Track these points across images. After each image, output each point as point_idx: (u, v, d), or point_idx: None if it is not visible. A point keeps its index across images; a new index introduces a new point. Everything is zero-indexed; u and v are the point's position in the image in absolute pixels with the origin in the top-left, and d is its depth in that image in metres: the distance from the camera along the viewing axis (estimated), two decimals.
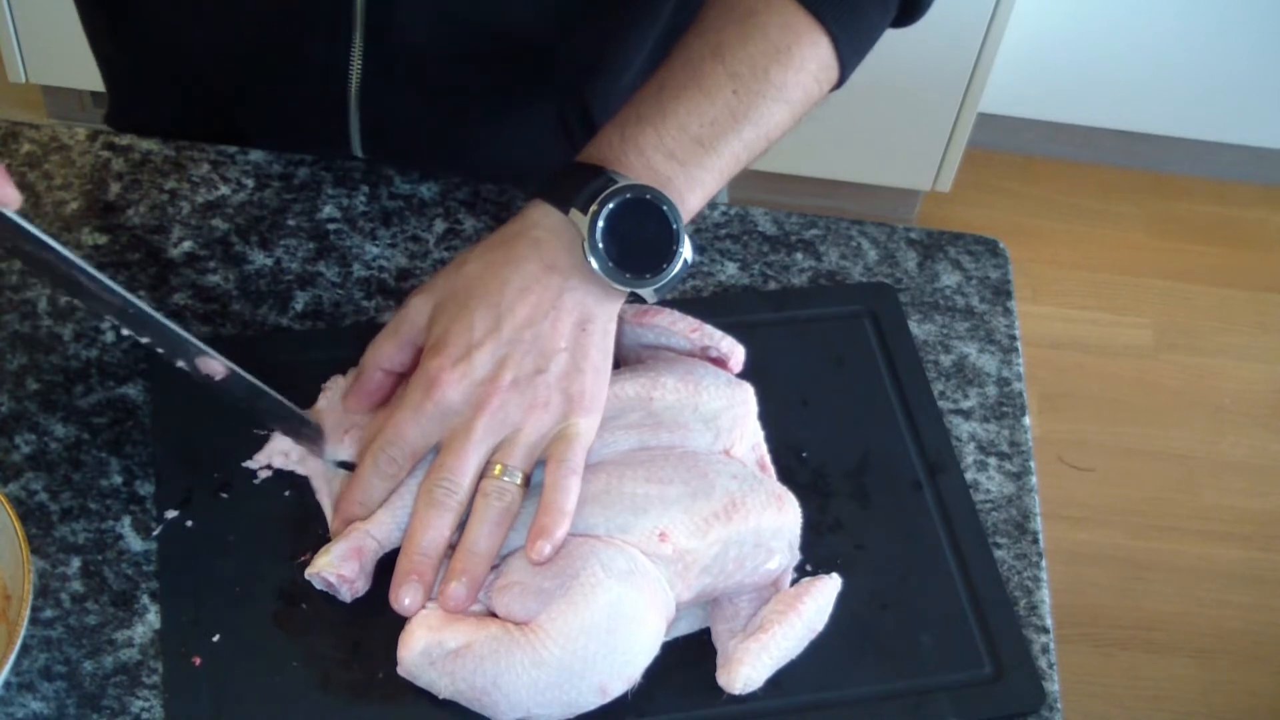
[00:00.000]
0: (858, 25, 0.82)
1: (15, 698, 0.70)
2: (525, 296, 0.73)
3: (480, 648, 0.68)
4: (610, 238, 0.72)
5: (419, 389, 0.72)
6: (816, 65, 0.80)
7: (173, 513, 0.76)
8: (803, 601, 0.72)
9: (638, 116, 0.76)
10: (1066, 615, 1.90)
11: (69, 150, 0.94)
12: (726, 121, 0.76)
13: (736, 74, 0.77)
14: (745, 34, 0.78)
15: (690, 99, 0.76)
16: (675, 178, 0.75)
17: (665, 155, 0.75)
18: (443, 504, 0.71)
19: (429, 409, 0.71)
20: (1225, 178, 2.51)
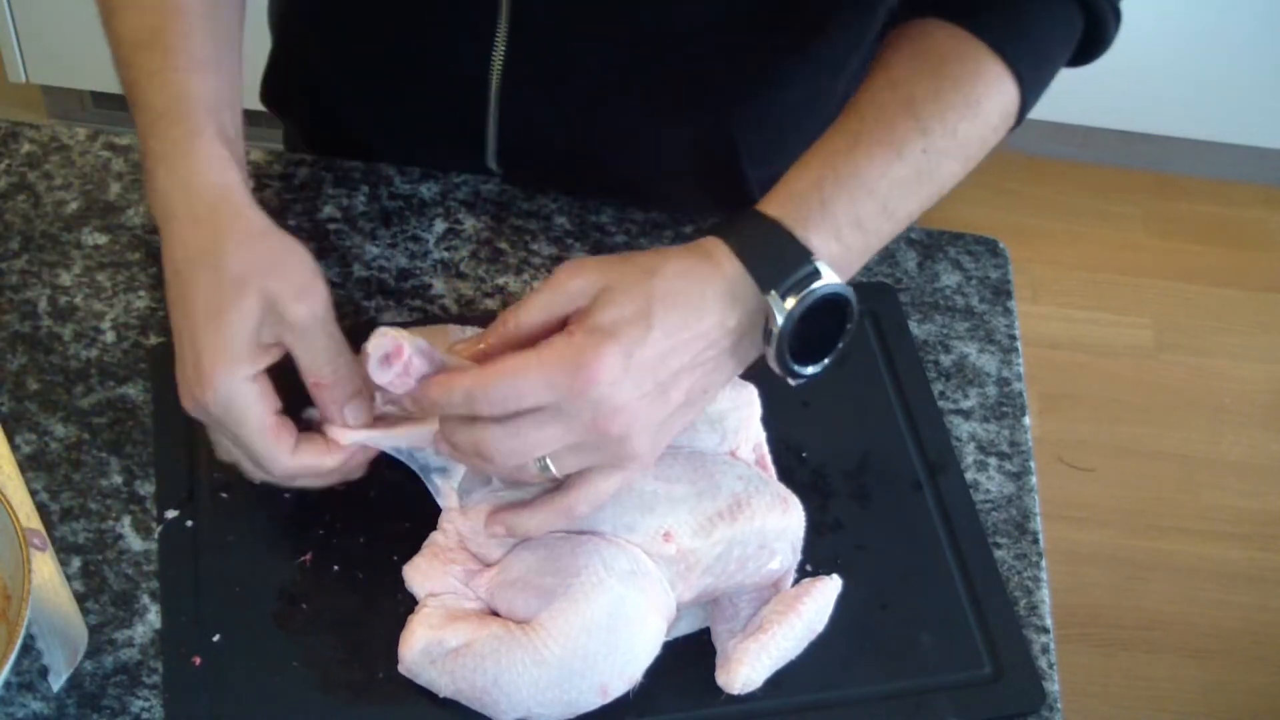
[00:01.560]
0: (1044, 68, 0.80)
1: (15, 698, 0.70)
2: (701, 342, 0.68)
3: (481, 646, 0.68)
4: (794, 329, 0.69)
5: (567, 362, 0.65)
6: (1000, 116, 0.78)
7: (173, 513, 0.76)
8: (803, 602, 0.72)
9: (835, 176, 0.72)
10: (1066, 615, 1.90)
11: (69, 150, 0.94)
12: (912, 184, 0.75)
13: (928, 130, 0.75)
14: (938, 87, 0.76)
15: (883, 158, 0.73)
16: (854, 249, 0.73)
17: (853, 224, 0.72)
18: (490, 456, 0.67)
19: (565, 382, 0.65)
20: (1225, 178, 2.51)
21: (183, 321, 0.70)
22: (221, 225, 0.70)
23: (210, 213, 0.71)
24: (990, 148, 0.80)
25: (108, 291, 0.87)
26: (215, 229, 0.70)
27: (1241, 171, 2.51)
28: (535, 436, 0.66)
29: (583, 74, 0.89)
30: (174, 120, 0.73)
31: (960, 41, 0.77)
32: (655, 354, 0.66)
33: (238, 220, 0.71)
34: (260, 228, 0.72)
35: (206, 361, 0.68)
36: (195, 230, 0.71)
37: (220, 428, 0.71)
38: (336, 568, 0.75)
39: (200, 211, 0.71)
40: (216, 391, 0.68)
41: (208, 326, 0.69)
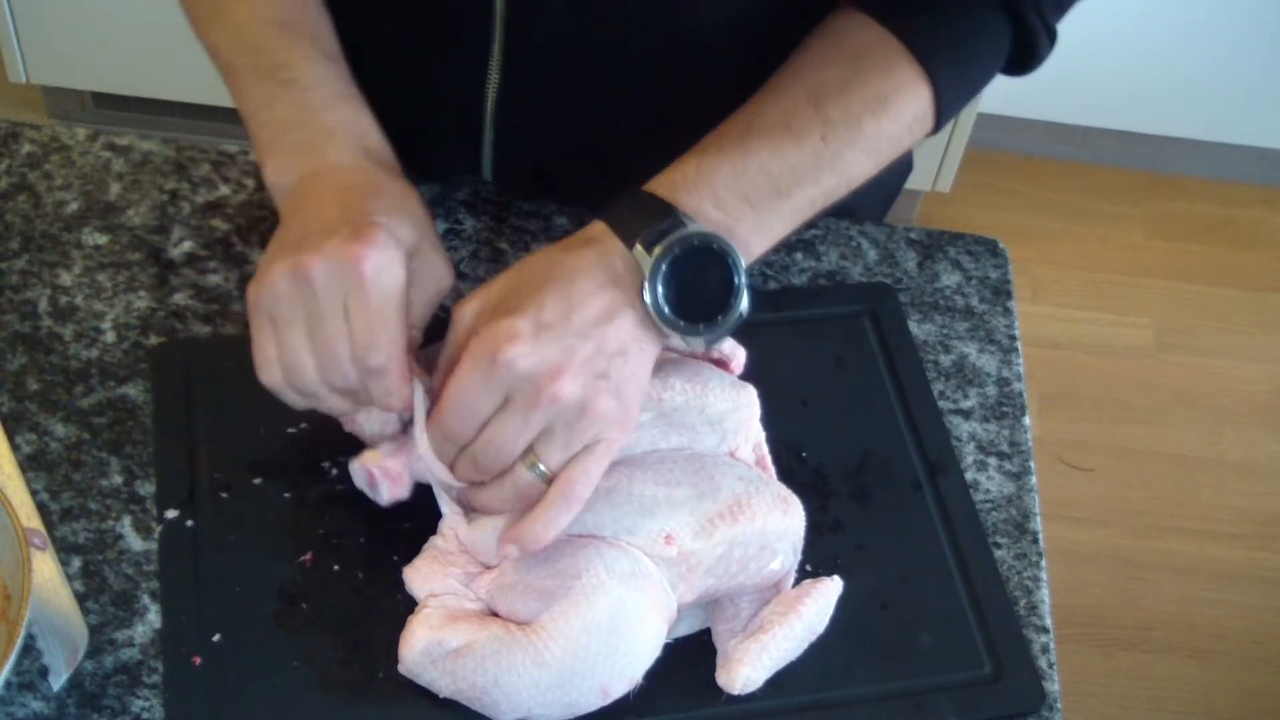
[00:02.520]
0: (964, 77, 0.80)
1: (15, 698, 0.70)
2: (594, 299, 0.70)
3: (482, 647, 0.68)
4: (670, 283, 0.70)
5: (484, 352, 0.67)
6: (912, 116, 0.78)
7: (173, 512, 0.76)
8: (803, 603, 0.72)
9: (719, 150, 0.74)
10: (1066, 615, 1.90)
11: (69, 150, 0.94)
12: (809, 168, 0.74)
13: (829, 120, 0.75)
14: (845, 79, 0.76)
15: (776, 140, 0.74)
16: (743, 221, 0.73)
17: (738, 197, 0.73)
18: (485, 469, 0.69)
19: (497, 372, 0.67)
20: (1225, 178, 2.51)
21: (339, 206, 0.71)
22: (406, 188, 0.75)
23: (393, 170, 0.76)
24: (904, 148, 0.79)
25: (108, 291, 0.87)
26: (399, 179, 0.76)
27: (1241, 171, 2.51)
28: (503, 433, 0.68)
29: (577, 93, 0.89)
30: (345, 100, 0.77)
31: (878, 39, 0.77)
32: (557, 313, 0.68)
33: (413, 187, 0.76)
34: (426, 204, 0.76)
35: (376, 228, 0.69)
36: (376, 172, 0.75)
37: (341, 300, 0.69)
38: (337, 568, 0.75)
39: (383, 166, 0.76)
40: (381, 252, 0.68)
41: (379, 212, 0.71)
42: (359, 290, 0.68)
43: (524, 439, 0.68)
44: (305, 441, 0.79)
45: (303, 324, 0.69)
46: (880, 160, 0.78)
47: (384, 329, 0.69)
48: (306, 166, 0.75)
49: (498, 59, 0.87)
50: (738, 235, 0.72)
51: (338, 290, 0.68)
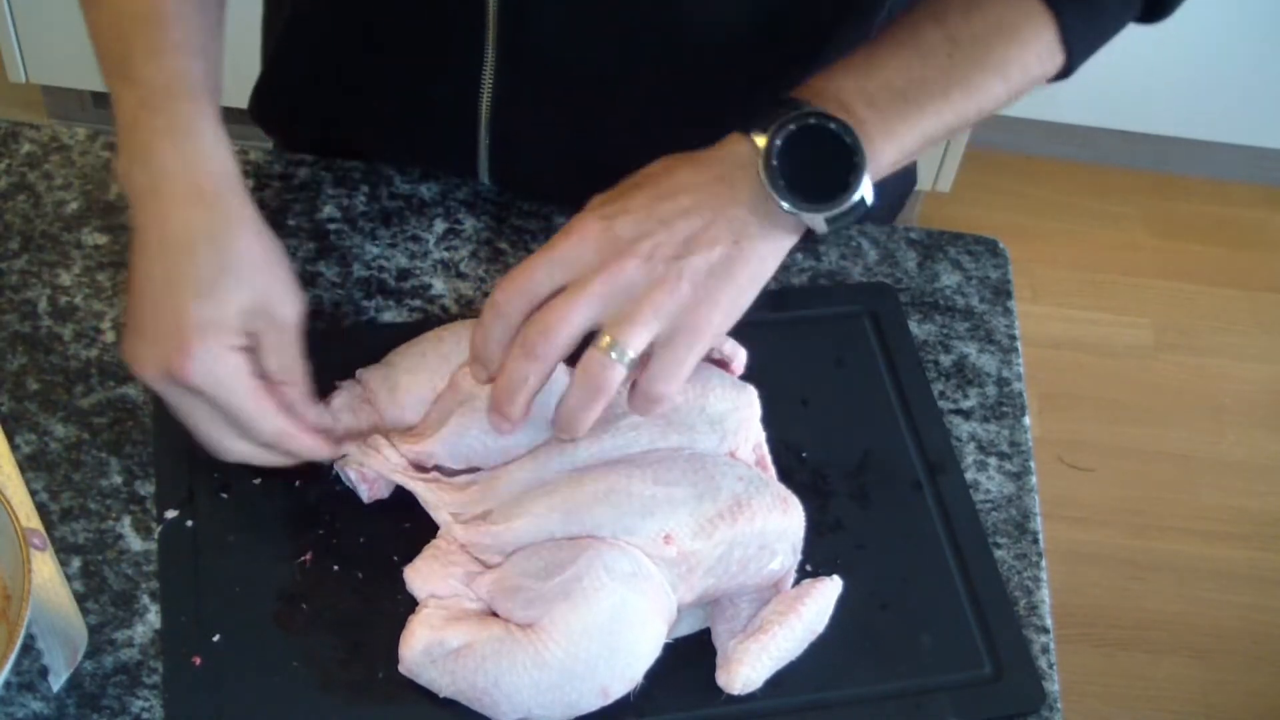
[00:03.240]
0: (1093, 16, 0.79)
1: (15, 698, 0.70)
2: (691, 192, 0.69)
3: (482, 648, 0.68)
4: (787, 161, 0.69)
5: (558, 236, 0.69)
6: (1041, 46, 0.77)
7: (173, 512, 0.76)
8: (803, 603, 0.72)
9: (845, 67, 0.74)
10: (1066, 615, 1.90)
11: (69, 150, 0.94)
12: (937, 82, 0.74)
13: (955, 39, 0.74)
14: (969, 5, 0.76)
15: (903, 57, 0.74)
16: (869, 122, 0.71)
17: (865, 102, 0.72)
18: (536, 353, 0.67)
19: (561, 254, 0.68)
20: (1225, 178, 2.51)
21: (163, 293, 0.70)
22: (228, 211, 0.72)
23: (216, 196, 0.72)
24: (1034, 78, 0.78)
25: (108, 291, 0.87)
26: (221, 213, 0.71)
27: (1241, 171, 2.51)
28: (553, 305, 0.67)
29: (573, 97, 0.88)
30: (179, 97, 0.72)
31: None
32: (644, 201, 0.69)
33: (243, 210, 0.72)
34: (260, 223, 0.73)
35: (193, 332, 0.69)
36: (197, 209, 0.71)
37: (194, 399, 0.71)
38: (336, 568, 0.75)
39: (206, 191, 0.71)
40: (200, 364, 0.69)
41: (199, 300, 0.70)
42: (195, 398, 0.71)
43: (579, 315, 0.67)
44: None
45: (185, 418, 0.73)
46: (1012, 88, 0.77)
47: (249, 412, 0.71)
48: (137, 179, 0.72)
49: (491, 66, 0.86)
50: (863, 132, 0.71)
51: (186, 398, 0.71)
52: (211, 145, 0.73)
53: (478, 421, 0.75)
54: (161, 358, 0.70)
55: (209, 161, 0.72)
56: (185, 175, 0.71)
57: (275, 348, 0.72)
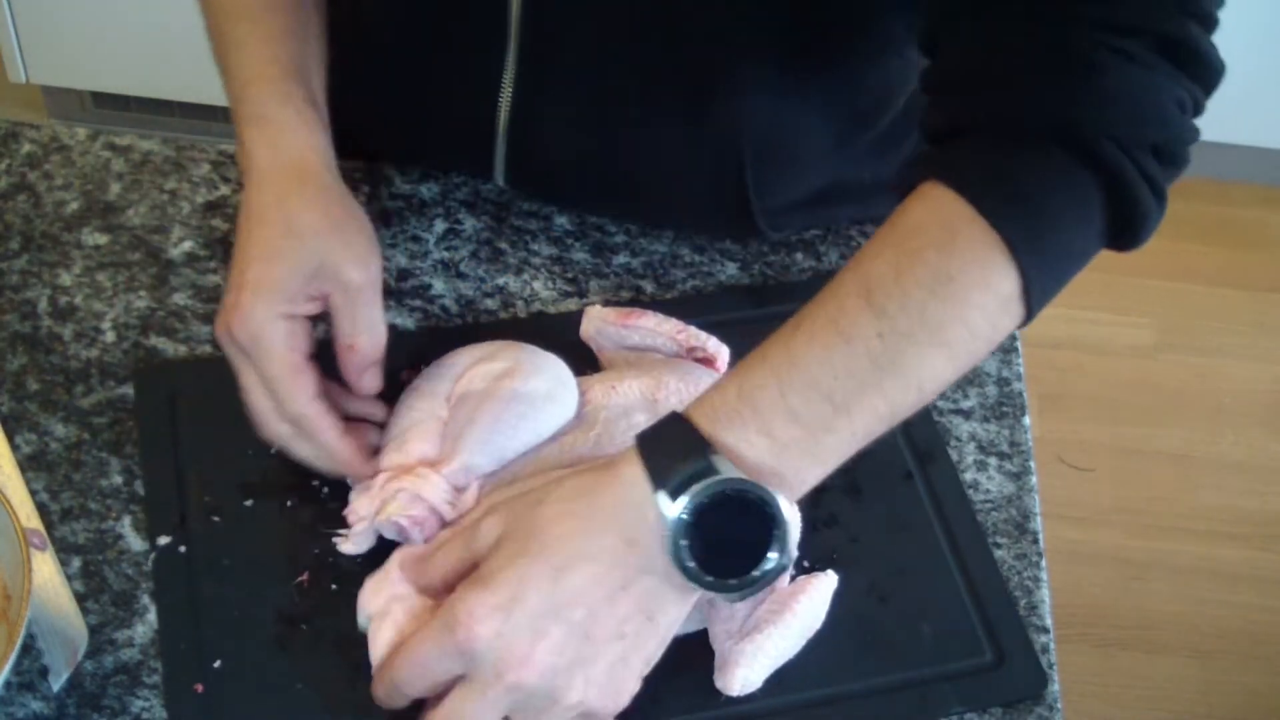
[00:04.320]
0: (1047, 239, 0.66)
1: (15, 698, 0.70)
2: (592, 566, 0.63)
3: None
4: (696, 532, 0.62)
5: (446, 620, 0.64)
6: (990, 295, 0.65)
7: (165, 539, 0.75)
8: (798, 600, 0.72)
9: (763, 360, 0.65)
10: (1066, 615, 1.90)
11: (69, 150, 0.94)
12: (866, 373, 0.64)
13: (884, 312, 0.64)
14: (900, 263, 0.65)
15: (825, 344, 0.64)
16: (792, 447, 0.64)
17: (787, 417, 0.64)
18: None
19: (451, 645, 0.63)
20: (1225, 178, 2.51)
21: (239, 260, 0.74)
22: (297, 183, 0.76)
23: (288, 170, 0.76)
24: (989, 338, 0.66)
25: (108, 291, 0.87)
26: (290, 185, 0.76)
27: (1241, 171, 2.51)
28: (467, 710, 0.64)
29: (592, 97, 0.87)
30: (262, 84, 0.78)
31: (940, 204, 0.66)
32: (542, 595, 0.63)
33: (312, 180, 0.77)
34: (334, 193, 0.77)
35: (247, 293, 0.73)
36: (272, 184, 0.76)
37: (245, 361, 0.74)
38: (335, 586, 0.74)
39: (281, 167, 0.76)
40: (248, 321, 0.72)
41: (258, 264, 0.73)
42: (245, 359, 0.74)
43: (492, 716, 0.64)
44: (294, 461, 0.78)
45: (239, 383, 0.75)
46: (957, 357, 0.66)
47: (279, 387, 0.73)
48: (241, 165, 0.78)
49: (511, 75, 0.86)
50: (786, 464, 0.64)
51: (237, 356, 0.74)
52: (293, 127, 0.78)
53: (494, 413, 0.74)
54: (221, 315, 0.74)
55: (288, 138, 0.77)
56: (268, 154, 0.77)
57: (343, 309, 0.75)
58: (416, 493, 0.73)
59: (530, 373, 0.76)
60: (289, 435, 0.75)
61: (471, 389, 0.76)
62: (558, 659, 0.63)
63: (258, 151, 0.77)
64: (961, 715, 0.74)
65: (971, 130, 0.69)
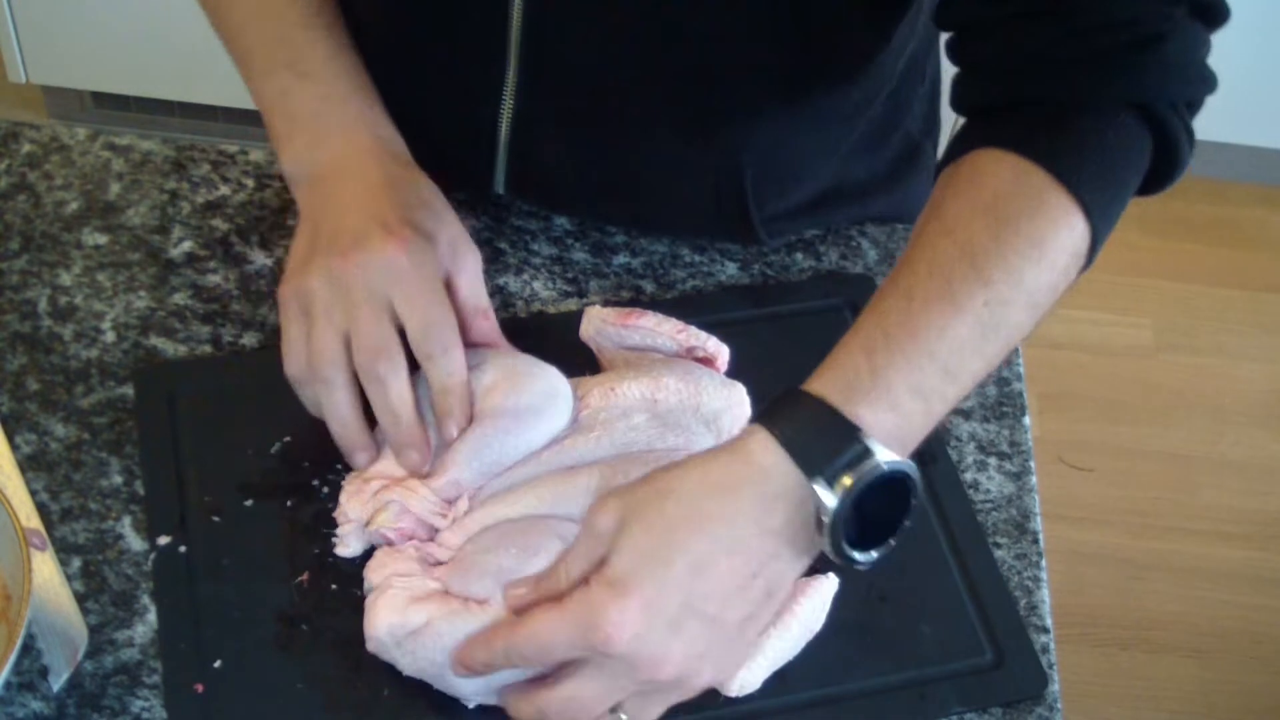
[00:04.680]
0: (1112, 197, 0.72)
1: (15, 697, 0.70)
2: (728, 560, 0.64)
3: (439, 625, 0.68)
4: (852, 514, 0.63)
5: (582, 620, 0.63)
6: (1069, 255, 0.70)
7: (165, 539, 0.75)
8: (798, 603, 0.72)
9: (885, 336, 0.67)
10: (1066, 615, 1.90)
11: (69, 150, 0.94)
12: (975, 342, 0.67)
13: (990, 282, 0.67)
14: (999, 231, 0.68)
15: (940, 315, 0.67)
16: (915, 418, 0.66)
17: (912, 393, 0.66)
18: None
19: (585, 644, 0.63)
20: (1225, 178, 2.51)
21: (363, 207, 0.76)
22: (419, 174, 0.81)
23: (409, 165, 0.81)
24: (1060, 293, 0.71)
25: (108, 291, 0.87)
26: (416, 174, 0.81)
27: (1241, 171, 2.51)
28: (587, 692, 0.64)
29: (594, 116, 0.87)
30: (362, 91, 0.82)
31: (1018, 173, 0.70)
32: (681, 595, 0.63)
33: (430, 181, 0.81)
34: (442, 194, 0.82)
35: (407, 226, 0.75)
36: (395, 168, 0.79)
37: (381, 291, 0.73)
38: (334, 586, 0.74)
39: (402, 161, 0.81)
40: (417, 247, 0.74)
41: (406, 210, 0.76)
42: (404, 284, 0.73)
43: (609, 702, 0.65)
44: (295, 461, 0.78)
45: (340, 313, 0.73)
46: (1038, 313, 0.70)
47: (440, 313, 0.74)
48: (322, 158, 0.79)
49: (512, 85, 0.86)
50: (909, 436, 0.66)
51: (379, 289, 0.73)
52: (393, 134, 0.82)
53: (481, 430, 0.74)
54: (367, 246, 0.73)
55: (396, 144, 0.81)
56: (382, 151, 0.80)
57: (475, 284, 0.78)
58: (405, 505, 0.73)
59: (519, 387, 0.76)
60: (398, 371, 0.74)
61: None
62: (691, 652, 0.64)
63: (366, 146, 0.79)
64: (961, 715, 0.74)
65: (1030, 102, 0.73)
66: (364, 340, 0.73)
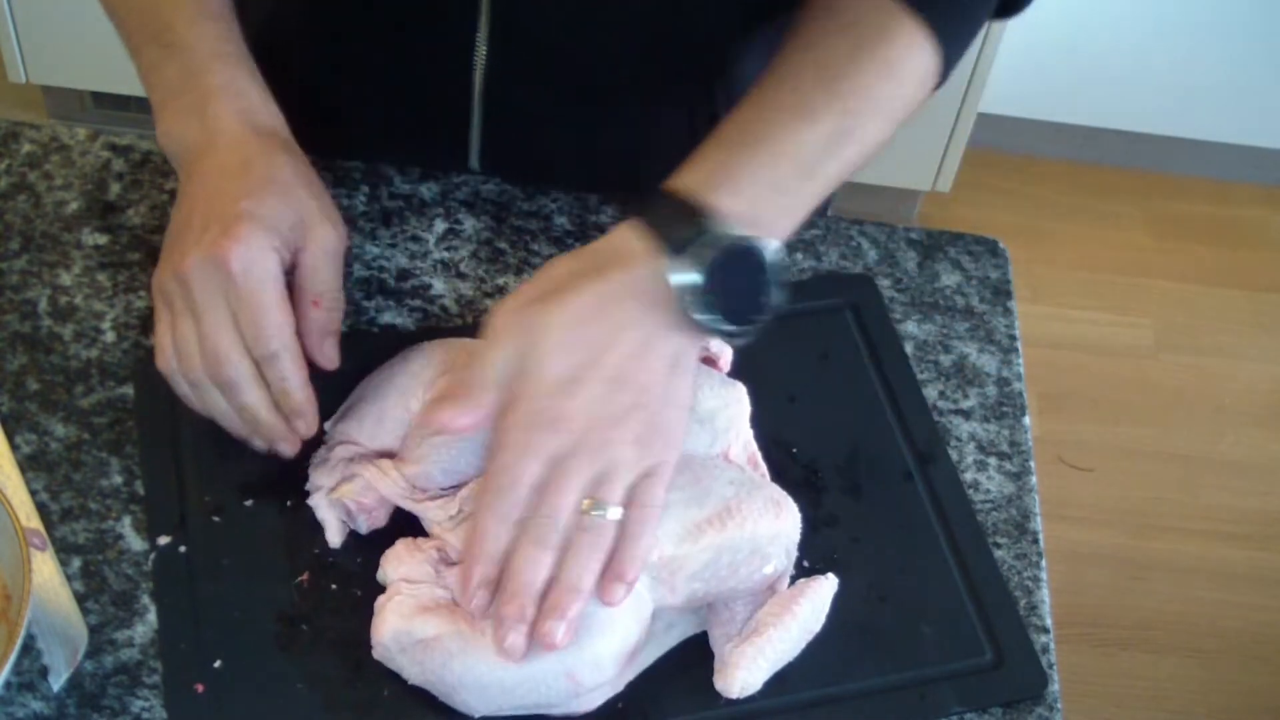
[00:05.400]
0: (962, 25, 0.80)
1: (15, 698, 0.70)
2: (627, 333, 0.69)
3: (449, 642, 0.68)
4: (707, 289, 0.69)
5: (527, 423, 0.68)
6: (921, 72, 0.78)
7: (165, 539, 0.75)
8: (798, 603, 0.72)
9: (739, 140, 0.74)
10: (1066, 615, 1.91)
11: (69, 150, 0.94)
12: (829, 145, 0.75)
13: (839, 94, 0.75)
14: (851, 50, 0.77)
15: (794, 124, 0.74)
16: (769, 208, 0.73)
17: (767, 186, 0.73)
18: (546, 541, 0.68)
19: (544, 444, 0.68)
20: (1225, 178, 2.51)
21: (212, 199, 0.74)
22: (277, 145, 0.77)
23: (270, 134, 0.78)
24: (914, 106, 0.79)
25: (108, 291, 0.87)
26: (271, 145, 0.77)
27: (1241, 171, 2.51)
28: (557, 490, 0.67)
29: (567, 65, 0.88)
30: (227, 59, 0.79)
31: (875, 2, 0.78)
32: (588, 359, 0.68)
33: (291, 146, 0.79)
34: (306, 162, 0.78)
35: (244, 223, 0.72)
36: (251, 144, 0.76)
37: (218, 294, 0.72)
38: (334, 586, 0.74)
39: (262, 133, 0.77)
40: (246, 246, 0.72)
41: (248, 199, 0.73)
42: (232, 287, 0.72)
43: (576, 492, 0.68)
44: (294, 461, 0.78)
45: (189, 317, 0.73)
46: (893, 123, 0.78)
47: (266, 318, 0.72)
48: (186, 135, 0.77)
49: (484, 33, 0.87)
50: (763, 223, 0.72)
51: (214, 288, 0.72)
52: (261, 101, 0.79)
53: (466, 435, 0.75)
54: (205, 244, 0.72)
55: (261, 113, 0.78)
56: (242, 124, 0.77)
57: (315, 267, 0.76)
58: (374, 485, 0.74)
59: None
60: (246, 377, 0.73)
61: None
62: (628, 411, 0.68)
63: (226, 120, 0.76)
64: (961, 715, 0.74)
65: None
66: (207, 345, 0.73)
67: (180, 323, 0.74)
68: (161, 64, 0.79)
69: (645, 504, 0.69)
